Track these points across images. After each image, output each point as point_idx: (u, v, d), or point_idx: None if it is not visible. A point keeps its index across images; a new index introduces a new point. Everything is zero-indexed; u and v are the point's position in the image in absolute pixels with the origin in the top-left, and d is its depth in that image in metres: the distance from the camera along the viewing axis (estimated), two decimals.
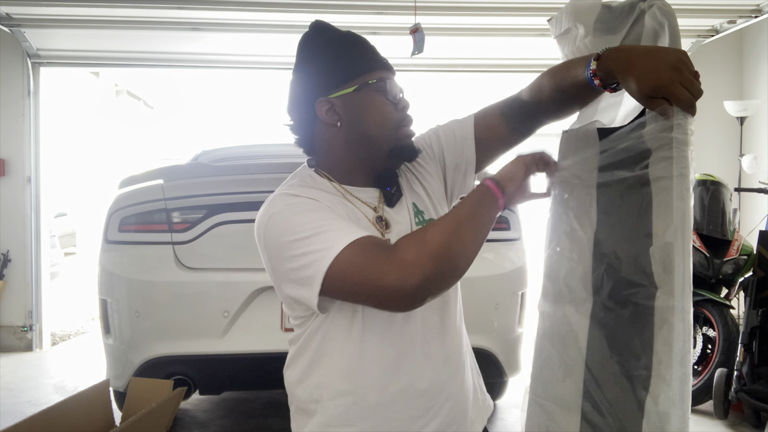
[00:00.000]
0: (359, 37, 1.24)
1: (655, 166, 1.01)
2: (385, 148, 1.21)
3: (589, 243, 1.16)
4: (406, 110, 1.24)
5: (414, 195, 1.29)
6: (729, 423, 3.27)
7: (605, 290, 1.11)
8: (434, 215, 1.28)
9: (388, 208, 1.23)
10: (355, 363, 1.17)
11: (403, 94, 1.24)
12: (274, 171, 2.86)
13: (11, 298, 4.96)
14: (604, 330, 1.10)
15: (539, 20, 4.65)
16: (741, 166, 4.96)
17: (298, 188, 1.20)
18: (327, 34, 1.23)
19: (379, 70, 1.21)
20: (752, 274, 3.32)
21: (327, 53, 1.20)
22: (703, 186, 3.81)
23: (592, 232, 1.16)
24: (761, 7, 4.52)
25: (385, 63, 1.23)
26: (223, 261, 2.71)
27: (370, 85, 1.19)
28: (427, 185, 1.31)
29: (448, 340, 1.24)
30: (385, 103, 1.20)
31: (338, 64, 1.19)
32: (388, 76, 1.22)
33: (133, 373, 2.74)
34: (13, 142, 4.97)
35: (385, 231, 1.20)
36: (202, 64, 5.36)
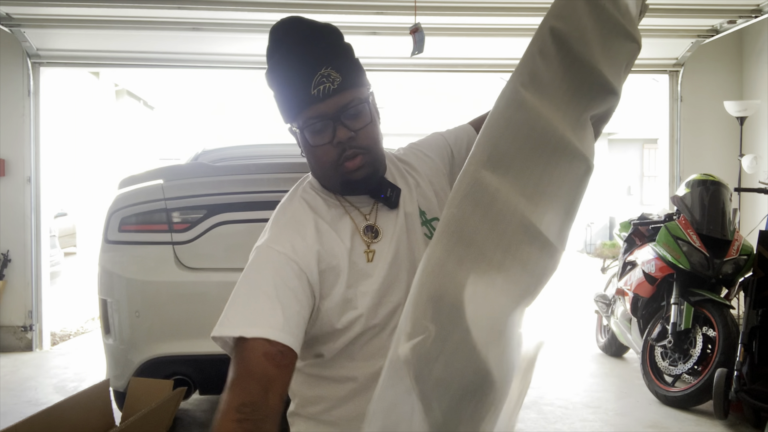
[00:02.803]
0: (298, 61, 1.14)
1: None
2: (336, 183, 1.20)
3: None
4: (345, 143, 1.14)
5: (417, 193, 1.28)
6: (729, 423, 3.27)
7: None
8: (438, 215, 1.27)
9: (385, 215, 1.23)
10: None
11: (343, 123, 1.13)
12: (274, 171, 2.87)
13: (11, 298, 4.96)
14: None
15: (539, 20, 4.64)
16: (741, 166, 4.96)
17: (297, 203, 1.22)
18: (275, 55, 1.17)
19: (308, 107, 1.13)
20: (752, 274, 3.31)
21: (273, 85, 1.18)
22: (703, 186, 3.80)
23: None
24: (761, 7, 4.52)
25: (317, 94, 1.12)
26: (223, 261, 2.71)
27: (299, 130, 1.17)
28: (433, 183, 1.31)
29: None
30: (315, 146, 1.16)
31: (280, 102, 1.18)
32: (319, 114, 1.13)
33: (133, 373, 2.74)
34: (13, 142, 4.97)
35: (372, 241, 1.20)
36: (202, 64, 5.36)
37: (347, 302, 1.16)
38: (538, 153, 1.08)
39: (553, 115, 1.09)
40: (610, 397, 3.76)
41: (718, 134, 5.40)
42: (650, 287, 3.86)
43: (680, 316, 3.55)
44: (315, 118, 1.13)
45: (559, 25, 1.09)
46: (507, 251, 1.04)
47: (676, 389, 3.51)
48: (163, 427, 2.53)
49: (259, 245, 1.17)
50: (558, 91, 1.11)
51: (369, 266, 1.18)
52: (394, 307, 1.18)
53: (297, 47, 1.14)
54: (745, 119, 4.99)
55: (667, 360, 3.62)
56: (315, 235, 1.17)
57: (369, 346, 1.18)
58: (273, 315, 1.05)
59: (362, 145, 1.15)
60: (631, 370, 4.30)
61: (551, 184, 1.09)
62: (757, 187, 4.08)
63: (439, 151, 1.34)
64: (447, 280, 0.99)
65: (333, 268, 1.16)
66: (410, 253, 1.21)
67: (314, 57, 1.13)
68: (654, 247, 3.87)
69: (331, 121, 1.13)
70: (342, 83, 1.13)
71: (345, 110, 1.14)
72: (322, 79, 1.12)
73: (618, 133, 15.57)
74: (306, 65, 1.12)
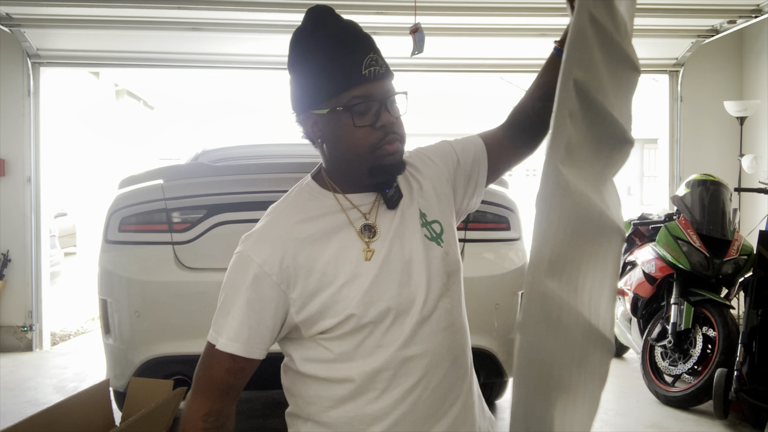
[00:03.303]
0: (348, 40, 1.16)
1: None
2: (364, 169, 1.20)
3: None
4: (387, 127, 1.16)
5: (419, 195, 1.29)
6: (729, 423, 3.27)
7: None
8: (438, 218, 1.28)
9: (383, 214, 1.24)
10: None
11: (387, 108, 1.17)
12: (275, 171, 2.86)
13: (11, 298, 4.96)
14: None
15: (539, 20, 4.65)
16: (741, 166, 4.96)
17: (283, 214, 1.24)
18: (316, 34, 1.17)
19: (358, 86, 1.14)
20: (752, 274, 3.31)
21: (309, 64, 1.17)
22: (703, 186, 3.80)
23: None
24: (761, 7, 4.52)
25: (368, 75, 1.14)
26: (223, 261, 2.69)
27: (342, 110, 1.15)
28: (437, 187, 1.31)
29: (457, 339, 1.25)
30: (358, 127, 1.16)
31: (317, 81, 1.16)
32: (367, 94, 1.15)
33: (133, 373, 2.74)
34: (13, 142, 4.97)
35: (370, 240, 1.20)
36: (202, 64, 5.36)
37: (337, 301, 1.17)
38: (586, 239, 1.00)
39: (588, 186, 1.02)
40: (610, 397, 3.76)
41: (718, 134, 5.40)
42: (650, 287, 3.86)
43: (680, 316, 3.55)
44: (362, 97, 1.14)
45: (580, 76, 1.02)
46: (580, 367, 1.00)
47: (676, 389, 3.51)
48: (163, 427, 2.53)
49: (240, 251, 1.20)
50: (583, 152, 1.04)
51: (365, 265, 1.18)
52: (386, 306, 1.18)
53: (344, 31, 1.17)
54: (745, 119, 4.99)
55: (667, 360, 3.62)
56: (297, 241, 1.18)
57: (364, 346, 1.18)
58: (240, 329, 1.17)
59: (399, 132, 1.19)
60: (631, 370, 4.29)
61: (598, 270, 1.04)
62: (757, 187, 4.08)
63: (445, 157, 1.34)
64: (541, 424, 0.93)
65: (318, 270, 1.17)
66: (403, 253, 1.22)
67: (364, 41, 1.17)
68: (654, 247, 3.87)
69: (377, 102, 1.15)
70: (387, 68, 1.18)
71: (390, 95, 1.17)
72: (372, 62, 1.15)
73: None
74: (358, 46, 1.15)
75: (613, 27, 1.12)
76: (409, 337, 1.18)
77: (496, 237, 2.91)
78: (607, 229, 1.05)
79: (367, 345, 1.18)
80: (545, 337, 0.93)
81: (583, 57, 1.04)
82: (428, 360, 1.19)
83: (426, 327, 1.19)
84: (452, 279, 1.26)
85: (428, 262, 1.23)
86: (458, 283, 1.29)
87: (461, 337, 1.27)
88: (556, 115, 0.98)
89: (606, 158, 1.10)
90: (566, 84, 1.00)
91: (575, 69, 1.01)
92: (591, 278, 1.02)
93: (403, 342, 1.18)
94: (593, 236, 1.02)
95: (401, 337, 1.18)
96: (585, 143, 1.04)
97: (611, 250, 1.07)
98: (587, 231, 1.00)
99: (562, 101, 0.99)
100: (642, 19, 4.70)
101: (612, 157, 1.12)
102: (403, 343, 1.18)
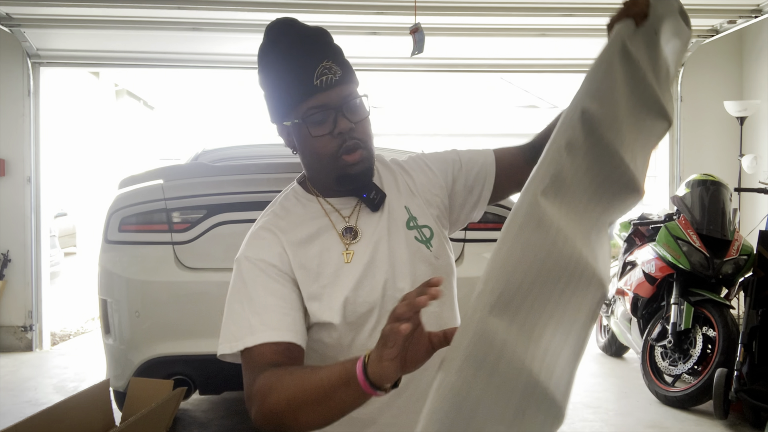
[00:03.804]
0: (301, 51, 1.17)
1: None
2: (331, 177, 1.22)
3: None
4: (345, 134, 1.16)
5: (409, 199, 1.29)
6: (729, 423, 3.27)
7: None
8: (430, 223, 1.28)
9: (366, 216, 1.25)
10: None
11: (344, 114, 1.16)
12: (274, 171, 2.87)
13: (11, 298, 4.96)
14: None
15: (539, 20, 4.65)
16: (741, 166, 4.96)
17: (271, 218, 1.25)
18: (274, 49, 1.20)
19: (311, 97, 1.15)
20: (752, 274, 3.31)
21: (271, 79, 1.20)
22: (703, 186, 3.80)
23: None
24: (761, 7, 4.52)
25: (320, 84, 1.14)
26: (223, 261, 2.71)
27: (300, 122, 1.17)
28: (429, 194, 1.31)
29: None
30: (315, 137, 1.17)
31: (278, 95, 1.19)
32: (321, 104, 1.15)
33: (133, 373, 2.74)
34: (13, 142, 4.97)
35: (351, 242, 1.22)
36: (202, 64, 5.36)
37: (322, 303, 1.18)
38: (553, 282, 0.87)
39: (573, 226, 0.91)
40: (610, 397, 3.76)
41: (718, 134, 5.40)
42: (650, 287, 3.86)
43: (680, 316, 3.55)
44: (317, 107, 1.15)
45: (592, 107, 0.93)
46: (512, 423, 0.84)
47: (676, 389, 3.51)
48: (163, 427, 2.53)
49: (238, 257, 1.21)
50: (578, 191, 0.94)
51: (346, 267, 1.20)
52: (369, 307, 1.19)
53: (297, 44, 1.18)
54: (745, 119, 4.99)
55: (667, 360, 3.62)
56: (286, 239, 1.20)
57: (352, 348, 1.19)
58: (269, 320, 1.11)
59: (360, 137, 1.19)
60: (631, 370, 4.29)
61: (563, 321, 0.90)
62: (757, 187, 4.08)
63: (444, 165, 1.34)
64: None
65: (307, 269, 1.19)
66: (390, 255, 1.22)
67: (316, 51, 1.17)
68: (654, 247, 3.87)
69: (333, 110, 1.16)
70: (342, 76, 1.17)
71: (346, 101, 1.17)
72: (325, 71, 1.15)
73: None
74: (309, 57, 1.16)
75: (650, 67, 1.05)
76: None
77: (497, 237, 2.90)
78: (585, 278, 0.91)
79: (354, 347, 1.19)
80: (472, 382, 0.79)
81: (602, 88, 0.96)
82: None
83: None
84: (442, 283, 1.25)
85: (415, 264, 1.23)
86: (449, 287, 1.29)
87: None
88: (552, 141, 0.90)
89: (607, 203, 1.00)
90: (573, 112, 0.93)
91: (588, 99, 0.94)
92: (552, 329, 0.88)
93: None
94: (565, 283, 0.88)
95: None
96: (583, 181, 0.94)
97: (585, 304, 0.93)
98: (557, 275, 0.87)
99: (562, 129, 0.91)
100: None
101: (613, 204, 1.01)
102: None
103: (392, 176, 1.32)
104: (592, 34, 4.87)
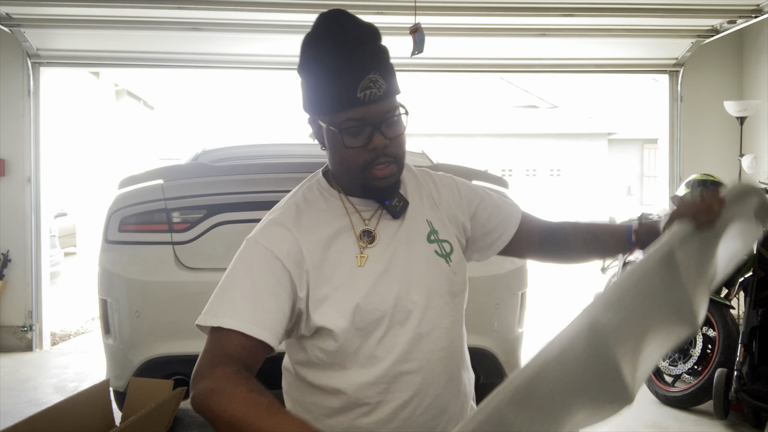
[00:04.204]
0: (349, 56, 1.12)
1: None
2: (356, 184, 1.21)
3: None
4: (379, 150, 1.15)
5: (431, 211, 1.28)
6: (729, 423, 3.27)
7: None
8: (450, 238, 1.27)
9: (386, 221, 1.23)
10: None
11: (381, 130, 1.13)
12: (275, 171, 2.86)
13: (11, 298, 4.96)
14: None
15: (539, 20, 4.65)
16: (741, 166, 4.96)
17: (293, 210, 1.22)
18: (321, 44, 1.14)
19: (351, 109, 1.12)
20: (752, 274, 3.31)
21: (313, 75, 1.15)
22: (703, 186, 3.80)
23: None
24: (761, 7, 4.52)
25: (363, 98, 1.11)
26: (223, 261, 2.69)
27: (336, 130, 1.15)
28: (452, 212, 1.31)
29: (454, 360, 1.24)
30: (348, 147, 1.15)
31: (317, 94, 1.15)
32: (361, 117, 1.12)
33: (133, 373, 2.74)
34: (13, 142, 4.97)
35: (367, 245, 1.20)
36: (202, 64, 5.35)
37: (331, 306, 1.16)
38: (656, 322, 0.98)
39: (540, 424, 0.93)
40: None
41: (718, 134, 5.39)
42: None
43: None
44: (355, 120, 1.12)
45: (604, 318, 0.96)
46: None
47: (676, 389, 3.51)
48: (163, 427, 2.53)
49: (250, 238, 1.19)
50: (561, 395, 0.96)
51: (359, 270, 1.18)
52: (380, 315, 1.17)
53: (346, 44, 1.13)
54: (745, 119, 4.99)
55: (667, 360, 3.62)
56: (303, 236, 1.18)
57: (358, 355, 1.17)
58: (253, 311, 1.09)
59: (394, 153, 1.17)
60: None
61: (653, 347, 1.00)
62: None
63: (472, 195, 1.35)
64: None
65: (321, 270, 1.17)
66: (407, 265, 1.20)
67: (364, 59, 1.12)
68: None
69: (370, 126, 1.13)
70: (386, 91, 1.13)
71: (385, 118, 1.14)
72: (370, 84, 1.11)
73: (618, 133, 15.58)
74: (356, 65, 1.11)
75: (695, 271, 1.06)
76: (405, 352, 1.17)
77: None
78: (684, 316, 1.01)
79: (361, 354, 1.17)
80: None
81: (624, 299, 0.97)
82: (422, 378, 1.18)
83: (423, 344, 1.18)
84: (456, 300, 1.25)
85: (432, 277, 1.21)
86: (461, 304, 1.28)
87: (458, 358, 1.25)
88: (550, 345, 0.92)
89: (589, 411, 1.00)
90: (582, 321, 0.94)
91: (603, 309, 0.95)
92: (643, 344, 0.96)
93: (398, 356, 1.17)
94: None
95: (396, 350, 1.17)
96: (565, 389, 0.94)
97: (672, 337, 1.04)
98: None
99: (564, 337, 0.93)
100: (642, 19, 4.70)
101: (595, 413, 1.01)
102: (398, 357, 1.17)
103: (417, 185, 1.30)
104: (592, 34, 4.87)
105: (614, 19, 4.63)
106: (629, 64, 5.55)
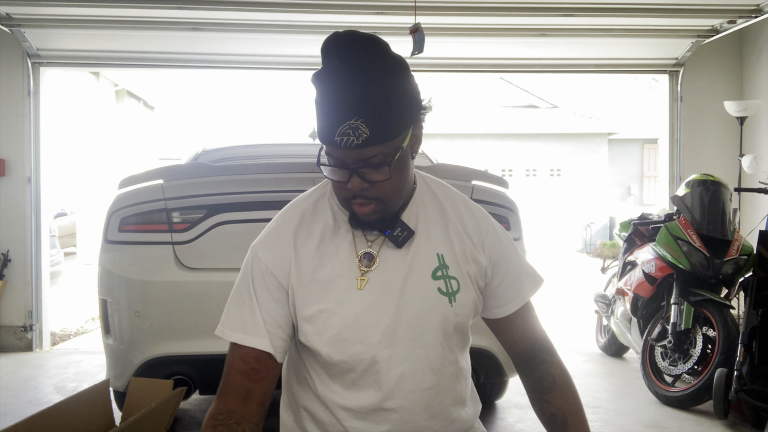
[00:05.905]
0: (337, 94, 1.05)
1: None
2: (346, 211, 1.19)
3: None
4: (357, 192, 1.10)
5: (446, 247, 1.21)
6: (729, 423, 3.27)
7: None
8: (462, 276, 1.20)
9: (389, 248, 1.18)
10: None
11: (359, 174, 1.08)
12: (275, 171, 2.87)
13: (11, 298, 4.96)
14: None
15: (539, 20, 4.65)
16: (741, 166, 4.96)
17: (298, 218, 1.22)
18: (325, 71, 1.07)
19: (331, 147, 1.08)
20: (752, 274, 3.31)
21: (316, 93, 1.09)
22: (703, 186, 3.80)
23: None
24: (761, 7, 4.52)
25: (339, 143, 1.04)
26: (223, 261, 2.71)
27: (322, 157, 1.12)
28: (469, 249, 1.22)
29: (439, 399, 1.22)
30: (330, 178, 1.13)
31: (316, 113, 1.11)
32: (338, 157, 1.08)
33: (133, 373, 2.74)
34: (13, 142, 4.97)
35: (366, 269, 1.16)
36: (202, 64, 5.35)
37: (316, 326, 1.15)
38: None
39: None
40: (610, 397, 3.76)
41: (718, 134, 5.39)
42: (650, 287, 3.86)
43: (680, 316, 3.55)
44: (333, 158, 1.09)
45: None
46: None
47: (676, 389, 3.51)
48: (163, 427, 2.53)
49: (254, 245, 1.21)
50: None
51: (354, 294, 1.15)
52: (363, 348, 1.15)
53: (338, 80, 1.05)
54: (745, 119, 4.99)
55: (667, 360, 3.62)
56: (300, 250, 1.17)
57: (344, 378, 1.18)
58: (260, 325, 1.15)
59: (375, 196, 1.11)
60: (631, 370, 4.29)
61: None
62: (757, 187, 4.08)
63: (497, 254, 1.25)
64: None
65: (306, 286, 1.16)
66: (400, 301, 1.16)
67: (349, 101, 1.03)
68: (654, 247, 3.87)
69: (348, 169, 1.08)
70: (368, 139, 1.04)
71: (364, 164, 1.07)
72: (348, 131, 1.03)
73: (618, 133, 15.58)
74: (339, 107, 1.04)
75: None
76: (389, 391, 1.16)
77: None
78: None
79: (345, 379, 1.18)
80: None
81: None
82: (400, 416, 1.16)
83: (405, 384, 1.16)
84: (451, 340, 1.20)
85: (426, 316, 1.17)
86: (459, 344, 1.24)
87: (447, 396, 1.21)
88: None
89: None
90: None
91: None
92: None
93: (378, 392, 1.16)
94: None
95: (377, 387, 1.16)
96: None
97: None
98: None
99: None
100: (642, 19, 4.70)
101: None
102: (378, 394, 1.16)
103: (439, 214, 1.23)
104: (592, 34, 4.87)
105: (614, 19, 4.63)
106: (629, 64, 5.56)
